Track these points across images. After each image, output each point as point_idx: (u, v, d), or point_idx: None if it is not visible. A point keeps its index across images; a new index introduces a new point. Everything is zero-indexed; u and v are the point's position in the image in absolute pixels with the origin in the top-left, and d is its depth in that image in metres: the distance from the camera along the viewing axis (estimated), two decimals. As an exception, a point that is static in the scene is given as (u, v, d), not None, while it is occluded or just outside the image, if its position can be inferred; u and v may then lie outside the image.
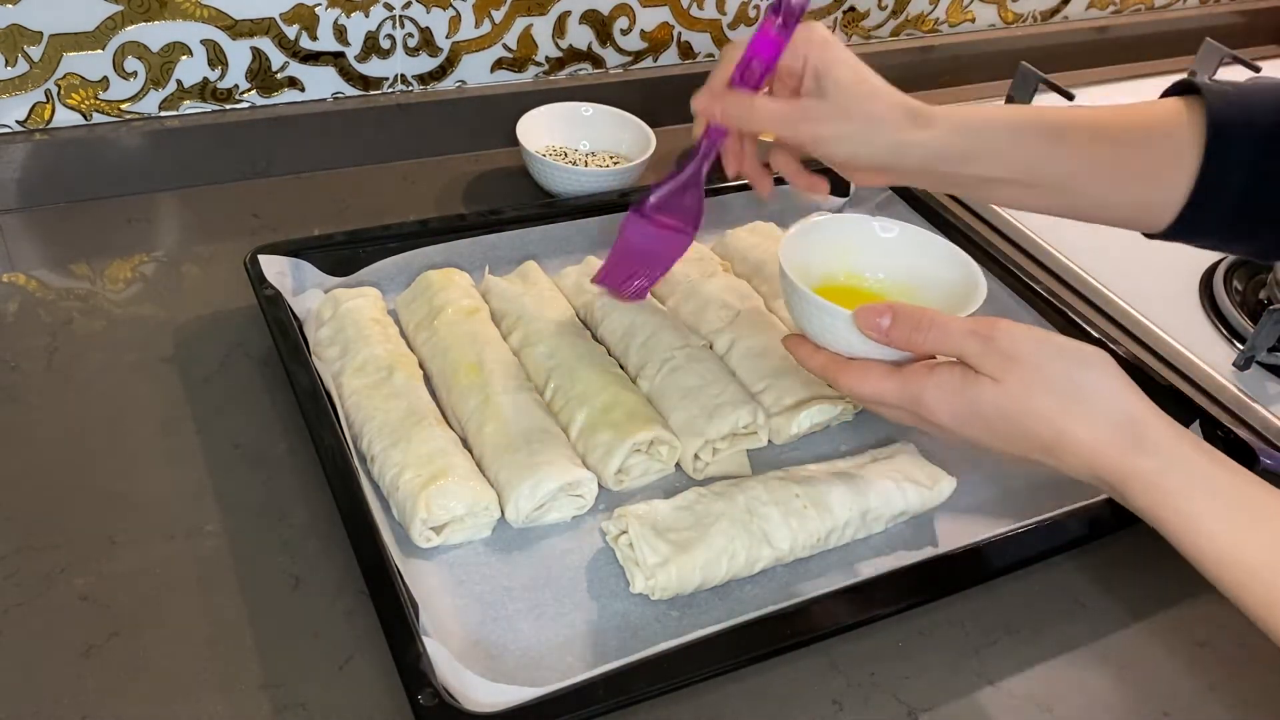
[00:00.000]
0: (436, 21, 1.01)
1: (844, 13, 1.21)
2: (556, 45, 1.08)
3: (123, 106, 0.94)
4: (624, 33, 1.11)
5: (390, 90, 1.04)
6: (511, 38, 1.05)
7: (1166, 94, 0.68)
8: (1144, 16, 1.42)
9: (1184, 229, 0.67)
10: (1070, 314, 0.86)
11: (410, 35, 1.01)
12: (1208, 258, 0.98)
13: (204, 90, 0.96)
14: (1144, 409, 0.55)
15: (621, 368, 0.78)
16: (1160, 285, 0.95)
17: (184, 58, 0.93)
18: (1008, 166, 0.67)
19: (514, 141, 0.98)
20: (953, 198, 1.06)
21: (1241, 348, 0.87)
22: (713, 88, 0.67)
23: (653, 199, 0.73)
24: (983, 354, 0.55)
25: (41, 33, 0.87)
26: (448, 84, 1.06)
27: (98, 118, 0.94)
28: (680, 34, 1.13)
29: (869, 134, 0.65)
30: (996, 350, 0.55)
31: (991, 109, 0.68)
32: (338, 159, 1.02)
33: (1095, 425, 0.54)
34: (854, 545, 0.69)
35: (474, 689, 0.55)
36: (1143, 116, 0.67)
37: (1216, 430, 0.77)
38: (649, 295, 0.81)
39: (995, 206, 0.71)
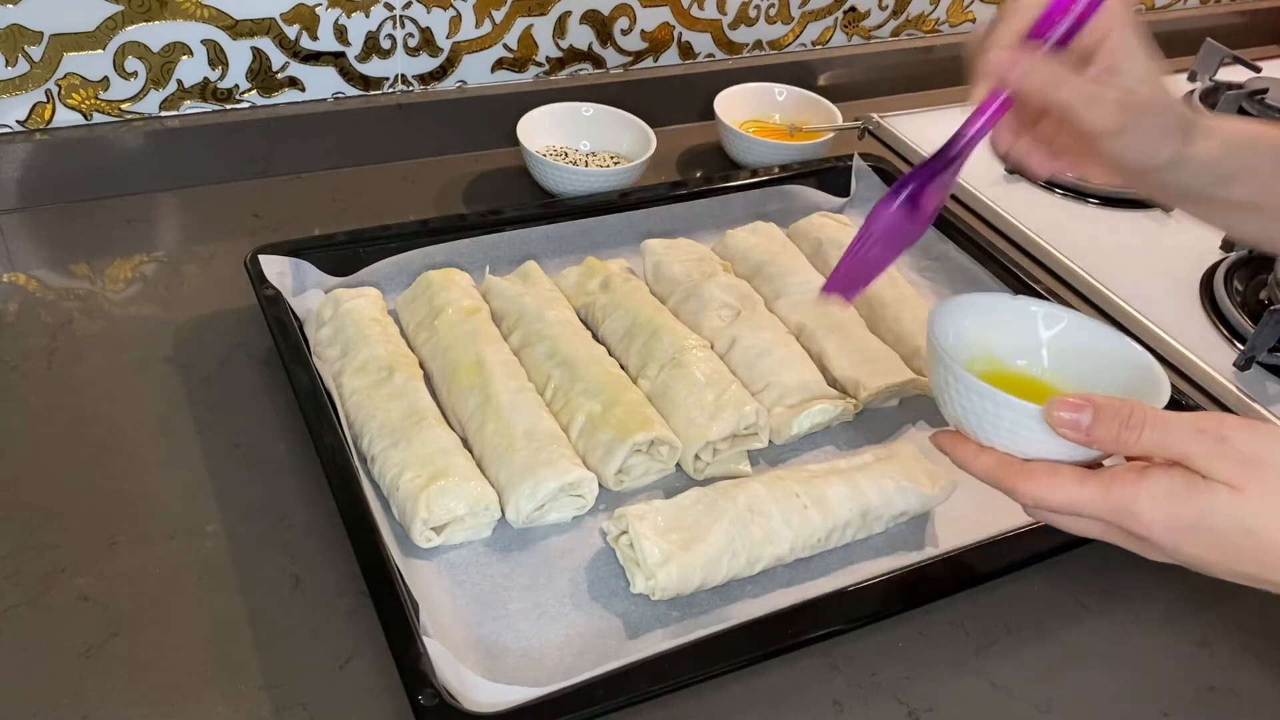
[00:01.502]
0: (437, 21, 1.01)
1: (844, 13, 1.21)
2: (557, 45, 1.08)
3: (123, 106, 0.94)
4: (624, 33, 1.11)
5: (390, 90, 1.04)
6: (512, 38, 1.05)
7: None
8: (1144, 17, 1.42)
9: None
10: (1070, 314, 0.86)
11: (410, 35, 1.01)
12: (1207, 258, 0.98)
13: (204, 90, 0.96)
14: None
15: (622, 368, 0.78)
16: (1160, 285, 0.95)
17: (184, 58, 0.93)
18: (1268, 192, 0.60)
19: (514, 141, 0.98)
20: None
21: (1242, 348, 0.87)
22: (1007, 43, 0.55)
23: (917, 181, 0.58)
24: (1215, 456, 0.48)
25: (42, 33, 0.87)
26: (448, 84, 1.06)
27: (98, 118, 0.94)
28: (680, 34, 1.13)
29: (1157, 142, 0.57)
30: (1233, 452, 0.47)
31: (1256, 125, 0.61)
32: (338, 159, 1.02)
33: None
34: (854, 545, 0.69)
35: (474, 689, 0.55)
36: None
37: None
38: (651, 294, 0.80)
39: (1210, 226, 0.64)
